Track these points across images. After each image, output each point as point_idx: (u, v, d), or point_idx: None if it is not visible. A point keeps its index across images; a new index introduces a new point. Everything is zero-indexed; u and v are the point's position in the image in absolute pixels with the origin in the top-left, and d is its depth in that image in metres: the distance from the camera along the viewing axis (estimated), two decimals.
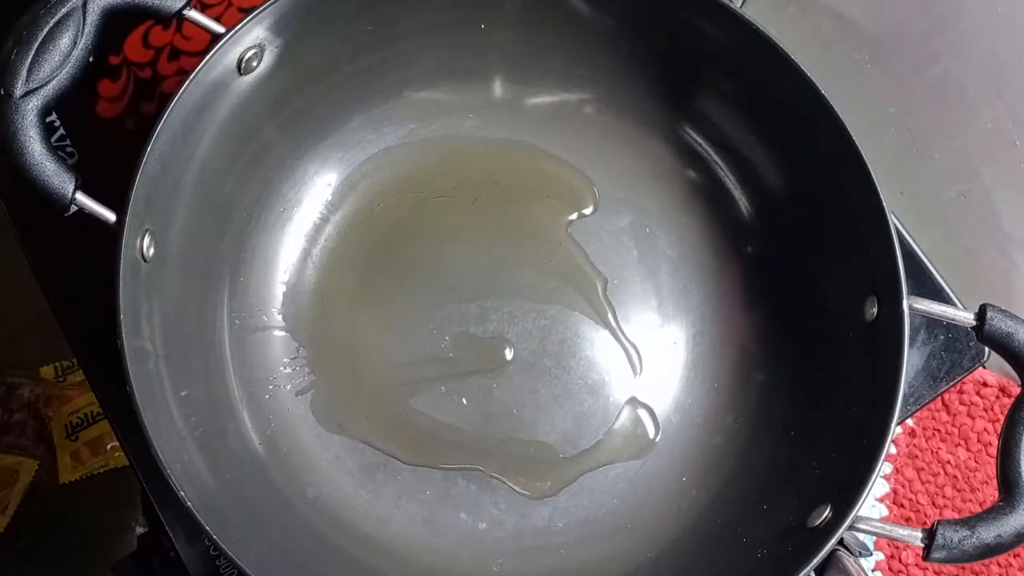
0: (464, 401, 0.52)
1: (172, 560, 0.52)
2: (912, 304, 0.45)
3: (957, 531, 0.41)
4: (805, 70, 0.47)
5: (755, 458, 0.51)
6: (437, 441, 0.52)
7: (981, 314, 0.44)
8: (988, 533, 0.41)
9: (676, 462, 0.52)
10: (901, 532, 0.42)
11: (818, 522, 0.44)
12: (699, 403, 0.53)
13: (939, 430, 0.62)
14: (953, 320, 0.45)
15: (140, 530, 0.56)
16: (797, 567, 0.42)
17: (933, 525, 0.41)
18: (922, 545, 0.42)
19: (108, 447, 0.96)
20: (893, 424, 0.43)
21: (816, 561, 0.42)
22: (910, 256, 0.57)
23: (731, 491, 0.50)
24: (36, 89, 0.41)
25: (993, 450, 0.61)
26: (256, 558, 0.40)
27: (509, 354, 0.53)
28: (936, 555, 0.41)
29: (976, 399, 0.62)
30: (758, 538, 0.47)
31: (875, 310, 0.47)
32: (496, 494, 0.51)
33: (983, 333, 0.44)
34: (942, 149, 0.58)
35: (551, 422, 0.52)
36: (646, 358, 0.54)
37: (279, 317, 0.53)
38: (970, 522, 0.41)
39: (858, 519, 0.42)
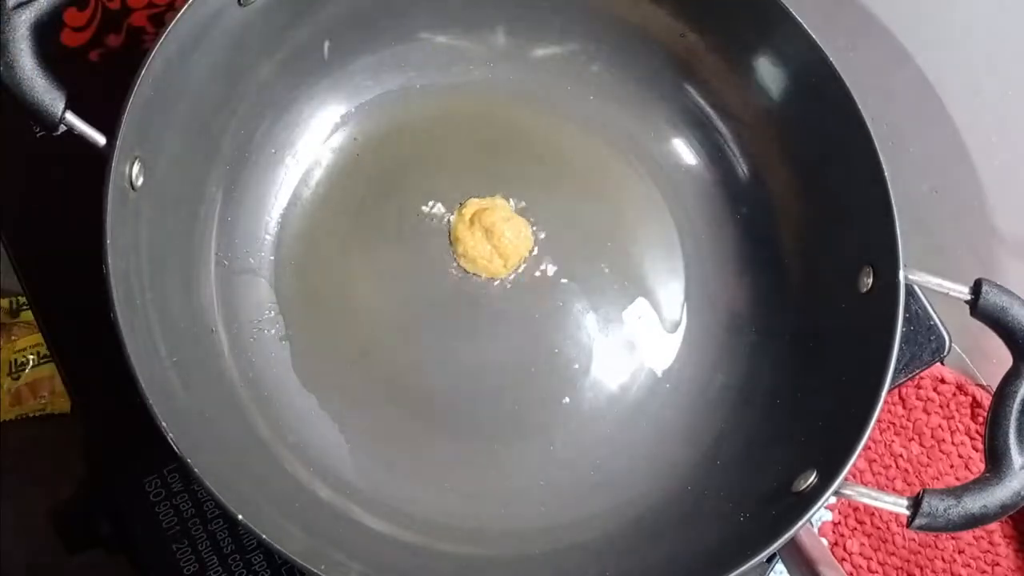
0: (452, 351, 0.52)
1: (111, 509, 0.51)
2: (908, 275, 0.45)
3: (943, 500, 0.41)
4: (813, 35, 0.47)
5: (742, 422, 0.51)
6: (424, 392, 0.51)
7: (976, 288, 0.44)
8: (974, 503, 0.41)
9: (662, 423, 0.52)
10: (887, 499, 0.42)
11: (803, 487, 0.44)
12: (688, 365, 0.53)
13: (894, 423, 0.63)
14: (948, 293, 0.45)
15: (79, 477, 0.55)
16: (780, 531, 0.42)
17: (919, 493, 0.42)
18: (907, 513, 0.42)
19: (48, 392, 0.93)
20: (884, 393, 0.43)
21: (800, 526, 0.42)
22: None
23: (717, 454, 0.50)
24: (29, 1, 0.40)
25: (947, 447, 0.62)
26: (235, 495, 0.39)
27: (499, 307, 0.53)
28: (919, 522, 0.41)
29: (933, 395, 0.63)
30: (742, 502, 0.47)
31: (870, 280, 0.47)
32: (476, 446, 0.51)
33: (977, 307, 0.44)
34: (918, 143, 0.59)
35: (536, 374, 0.52)
36: (637, 318, 0.54)
37: (266, 260, 0.51)
38: (956, 491, 0.42)
39: (844, 485, 0.42)
